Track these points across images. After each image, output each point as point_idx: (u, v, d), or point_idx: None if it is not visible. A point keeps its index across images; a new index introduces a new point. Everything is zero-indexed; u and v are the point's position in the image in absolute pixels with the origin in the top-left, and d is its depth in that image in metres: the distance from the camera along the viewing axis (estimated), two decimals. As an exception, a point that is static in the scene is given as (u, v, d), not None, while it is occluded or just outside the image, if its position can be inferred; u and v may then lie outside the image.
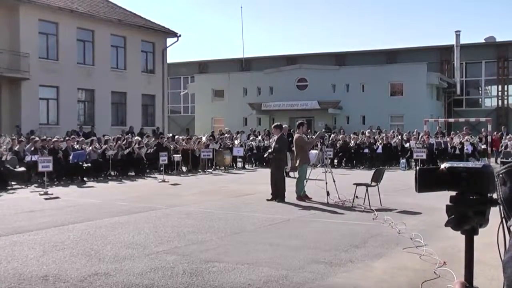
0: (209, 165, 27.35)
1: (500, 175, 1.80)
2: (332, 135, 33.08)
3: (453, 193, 1.99)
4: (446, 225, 1.96)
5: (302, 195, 15.18)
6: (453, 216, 1.93)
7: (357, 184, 14.27)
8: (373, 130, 35.61)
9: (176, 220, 11.87)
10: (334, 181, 14.98)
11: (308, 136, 22.49)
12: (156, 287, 6.82)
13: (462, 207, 1.92)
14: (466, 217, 1.92)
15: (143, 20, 40.73)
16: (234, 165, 29.36)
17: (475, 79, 49.73)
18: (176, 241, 9.59)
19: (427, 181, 2.05)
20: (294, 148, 16.04)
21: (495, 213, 1.93)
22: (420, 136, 30.90)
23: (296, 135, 16.06)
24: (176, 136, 29.79)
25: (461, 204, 1.93)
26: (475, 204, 1.91)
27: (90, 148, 23.26)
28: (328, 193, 14.79)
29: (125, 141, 25.23)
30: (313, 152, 21.72)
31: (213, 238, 9.93)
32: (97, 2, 38.70)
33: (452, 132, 34.07)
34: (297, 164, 15.78)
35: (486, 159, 29.62)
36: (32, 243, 9.43)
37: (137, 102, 39.39)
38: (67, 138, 24.56)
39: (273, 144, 15.85)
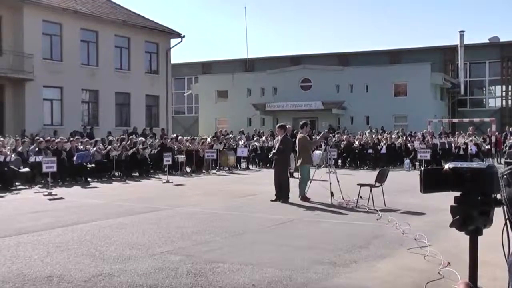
0: (213, 165, 27.36)
1: (505, 176, 1.80)
2: (336, 135, 33.06)
3: (458, 193, 1.99)
4: (451, 225, 1.96)
5: (303, 196, 15.15)
6: (458, 216, 1.93)
7: (361, 185, 14.25)
8: (373, 130, 35.55)
9: (180, 221, 11.87)
10: (338, 182, 14.95)
11: (313, 136, 22.50)
12: (160, 288, 6.83)
13: (467, 208, 1.92)
14: (471, 218, 1.92)
15: (147, 21, 40.78)
16: (238, 166, 29.37)
17: (479, 79, 49.59)
18: (180, 242, 9.59)
19: (432, 181, 2.04)
20: (297, 148, 16.04)
21: (498, 214, 1.93)
22: (424, 137, 30.78)
23: (299, 135, 16.05)
24: (180, 137, 29.81)
25: (466, 205, 1.92)
26: (479, 205, 1.91)
27: (94, 149, 23.30)
28: (332, 194, 14.77)
29: (129, 141, 25.26)
30: (317, 152, 21.72)
31: (217, 238, 9.93)
32: (101, 3, 38.77)
33: (456, 132, 34.02)
34: (298, 164, 15.79)
35: (490, 159, 29.57)
36: (36, 243, 9.45)
37: (141, 102, 39.44)
38: (71, 139, 24.59)
39: (277, 145, 15.84)
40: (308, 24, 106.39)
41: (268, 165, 27.70)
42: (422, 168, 2.12)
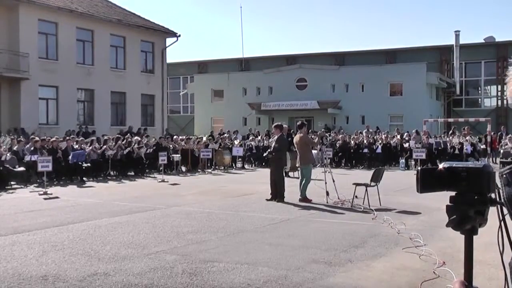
0: (209, 165, 27.35)
1: (504, 176, 1.80)
2: (332, 135, 33.10)
3: (453, 193, 1.99)
4: (448, 225, 1.96)
5: (303, 197, 15.03)
6: (454, 216, 1.93)
7: (357, 184, 14.26)
8: (370, 130, 35.55)
9: (176, 220, 11.87)
10: (333, 181, 14.96)
11: (312, 136, 22.47)
12: (156, 287, 6.82)
13: (463, 207, 1.92)
14: (467, 217, 1.92)
15: (142, 20, 40.72)
16: (234, 165, 29.36)
17: (474, 79, 49.71)
18: (176, 241, 9.59)
19: (429, 181, 2.04)
20: (297, 148, 15.77)
21: (492, 213, 1.93)
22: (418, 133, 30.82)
23: (300, 135, 15.72)
24: (175, 136, 29.78)
25: (462, 204, 1.92)
26: (476, 204, 1.91)
27: (90, 148, 23.26)
28: (327, 193, 14.78)
29: (124, 141, 25.22)
30: (313, 152, 21.72)
31: (213, 238, 9.93)
32: (97, 2, 38.69)
33: (452, 128, 34.07)
34: (299, 164, 15.62)
35: (486, 159, 29.64)
36: (32, 243, 9.43)
37: (137, 102, 39.37)
38: (67, 138, 24.54)
39: (273, 144, 15.81)
40: (304, 23, 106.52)
41: (263, 164, 27.72)
42: (419, 168, 2.11)
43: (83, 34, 35.71)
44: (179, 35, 41.70)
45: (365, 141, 30.15)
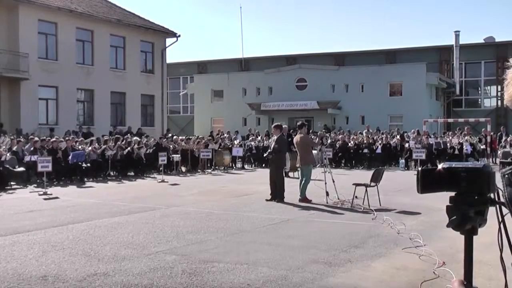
0: (208, 165, 27.34)
1: (506, 176, 1.80)
2: (332, 135, 33.12)
3: (453, 193, 1.99)
4: (448, 226, 1.96)
5: (303, 197, 15.03)
6: (455, 216, 1.92)
7: (357, 184, 14.26)
8: (370, 130, 35.54)
9: (175, 220, 11.87)
10: (333, 181, 14.95)
11: (312, 137, 22.45)
12: (155, 287, 6.82)
13: (463, 207, 1.92)
14: (467, 217, 1.91)
15: (142, 20, 40.72)
16: (234, 165, 29.36)
17: (474, 79, 49.67)
18: (175, 241, 9.59)
19: (429, 181, 2.04)
20: (297, 148, 15.74)
21: (491, 214, 1.93)
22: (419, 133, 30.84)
23: (301, 135, 15.69)
24: (175, 137, 29.78)
25: (462, 204, 1.92)
26: (476, 204, 1.91)
27: (90, 148, 23.26)
28: (327, 194, 14.77)
29: (124, 141, 25.23)
30: (313, 152, 21.72)
31: (212, 238, 9.93)
32: (96, 2, 38.68)
33: (450, 132, 34.03)
34: (300, 164, 15.59)
35: (485, 159, 29.65)
36: (31, 243, 9.43)
37: (137, 102, 39.36)
38: (66, 138, 24.53)
39: (273, 144, 15.79)
40: (304, 23, 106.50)
41: (263, 165, 27.72)
42: (419, 168, 2.11)
43: (82, 34, 35.71)
44: (179, 35, 41.75)
45: (365, 141, 30.17)
